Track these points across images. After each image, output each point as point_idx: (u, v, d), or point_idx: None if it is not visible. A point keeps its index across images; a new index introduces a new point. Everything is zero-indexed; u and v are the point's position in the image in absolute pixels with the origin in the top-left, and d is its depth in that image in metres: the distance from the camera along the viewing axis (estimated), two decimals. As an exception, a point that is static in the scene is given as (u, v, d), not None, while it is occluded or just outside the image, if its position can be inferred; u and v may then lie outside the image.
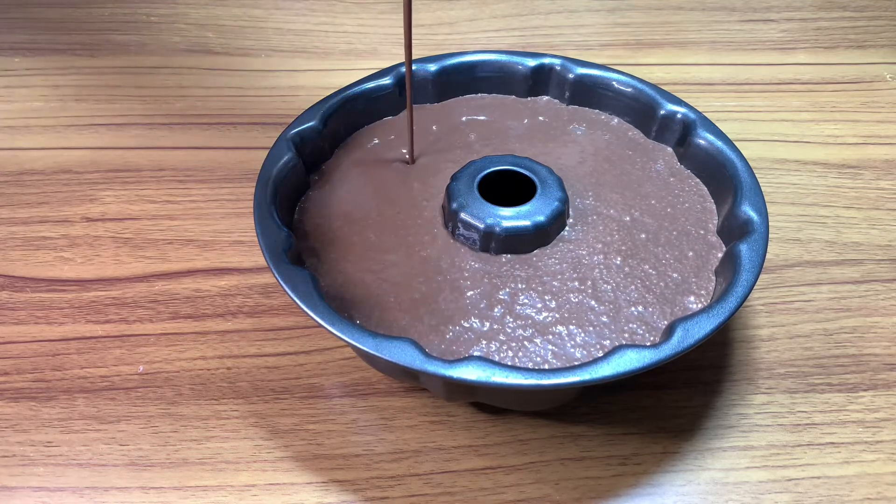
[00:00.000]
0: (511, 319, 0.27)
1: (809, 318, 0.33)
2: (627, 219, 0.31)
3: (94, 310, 0.33)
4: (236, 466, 0.28)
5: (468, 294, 0.28)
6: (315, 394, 0.30)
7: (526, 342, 0.27)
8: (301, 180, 0.32)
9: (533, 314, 0.27)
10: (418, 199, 0.31)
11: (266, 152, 0.31)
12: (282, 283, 0.27)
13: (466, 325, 0.27)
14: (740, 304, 0.26)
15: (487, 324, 0.27)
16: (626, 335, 0.27)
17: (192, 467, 0.28)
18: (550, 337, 0.27)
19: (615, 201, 0.31)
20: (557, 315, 0.27)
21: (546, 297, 0.28)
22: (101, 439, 0.29)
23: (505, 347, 0.26)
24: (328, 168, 0.33)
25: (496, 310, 0.27)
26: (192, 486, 0.28)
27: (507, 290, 0.28)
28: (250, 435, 0.29)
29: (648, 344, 0.27)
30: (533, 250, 0.29)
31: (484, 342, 0.27)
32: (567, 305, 0.28)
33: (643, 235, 0.30)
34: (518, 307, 0.28)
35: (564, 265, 0.29)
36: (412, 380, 0.28)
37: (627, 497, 0.28)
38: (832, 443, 0.29)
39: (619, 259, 0.29)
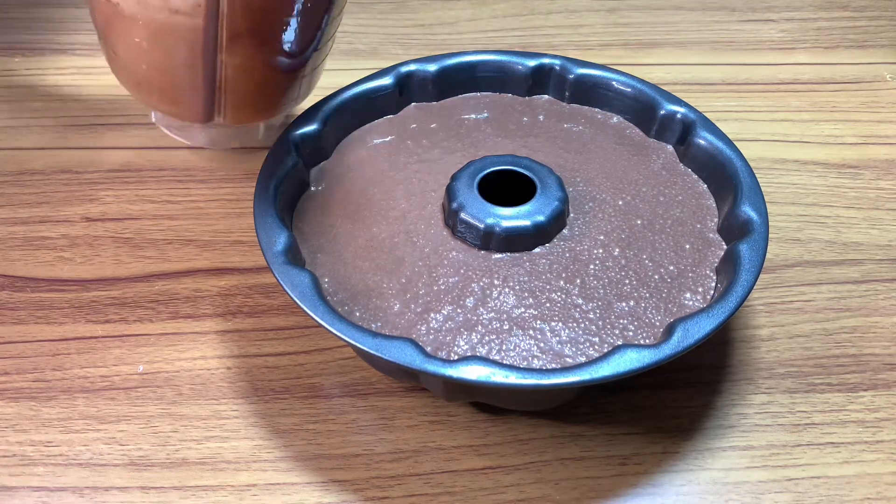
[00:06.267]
0: (484, 311, 0.27)
1: (809, 318, 0.33)
2: (620, 203, 0.31)
3: (94, 310, 0.33)
4: (236, 466, 0.28)
5: (441, 282, 0.28)
6: (315, 394, 0.30)
7: (507, 335, 0.27)
8: (301, 180, 0.32)
9: (507, 308, 0.28)
10: (419, 197, 0.31)
11: (266, 152, 0.31)
12: (282, 283, 0.27)
13: (445, 312, 0.27)
14: (740, 304, 0.26)
15: (461, 312, 0.27)
16: (617, 331, 0.27)
17: (192, 467, 0.28)
18: (532, 332, 0.27)
19: (607, 187, 0.32)
20: (535, 311, 0.28)
21: (524, 294, 0.28)
22: (101, 439, 0.29)
23: (486, 339, 0.27)
24: (328, 167, 0.33)
25: (468, 301, 0.28)
26: (192, 486, 0.28)
27: (482, 283, 0.28)
28: (250, 435, 0.29)
29: (641, 341, 0.27)
30: (533, 248, 0.29)
31: (465, 331, 0.27)
32: (547, 304, 0.28)
33: (639, 221, 0.30)
34: (490, 301, 0.28)
35: (555, 265, 0.29)
36: (412, 379, 0.28)
37: (627, 497, 0.28)
38: (832, 443, 0.29)
39: (617, 250, 0.29)
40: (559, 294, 0.28)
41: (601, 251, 0.29)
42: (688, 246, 0.30)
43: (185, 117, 0.36)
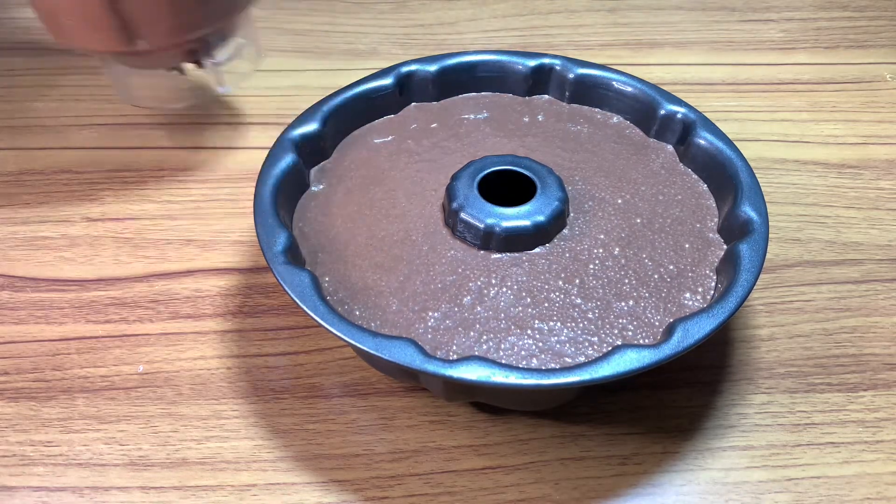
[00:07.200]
0: (481, 310, 0.27)
1: (809, 318, 0.33)
2: (620, 201, 0.31)
3: (94, 310, 0.33)
4: (236, 466, 0.28)
5: (438, 280, 0.28)
6: (315, 394, 0.30)
7: (505, 334, 0.27)
8: (301, 180, 0.32)
9: (505, 307, 0.28)
10: (419, 197, 0.31)
11: (266, 152, 0.31)
12: (282, 283, 0.27)
13: (442, 311, 0.27)
14: (740, 304, 0.26)
15: (458, 311, 0.27)
16: (617, 331, 0.27)
17: (192, 467, 0.28)
18: (530, 331, 0.27)
19: (606, 185, 0.32)
20: (534, 311, 0.28)
21: (522, 294, 0.28)
22: (101, 439, 0.29)
23: (484, 338, 0.27)
24: (328, 167, 0.33)
25: (465, 299, 0.28)
26: (192, 485, 0.28)
27: (479, 282, 0.28)
28: (250, 435, 0.29)
29: (640, 340, 0.27)
30: (533, 248, 0.29)
31: (462, 330, 0.27)
32: (546, 303, 0.28)
33: (638, 220, 0.30)
34: (488, 300, 0.28)
35: (555, 265, 0.29)
36: (412, 379, 0.28)
37: (627, 497, 0.28)
38: (832, 443, 0.29)
39: (617, 249, 0.29)
40: (558, 294, 0.28)
41: (601, 251, 0.29)
42: (687, 245, 0.30)
43: (104, 43, 0.32)
